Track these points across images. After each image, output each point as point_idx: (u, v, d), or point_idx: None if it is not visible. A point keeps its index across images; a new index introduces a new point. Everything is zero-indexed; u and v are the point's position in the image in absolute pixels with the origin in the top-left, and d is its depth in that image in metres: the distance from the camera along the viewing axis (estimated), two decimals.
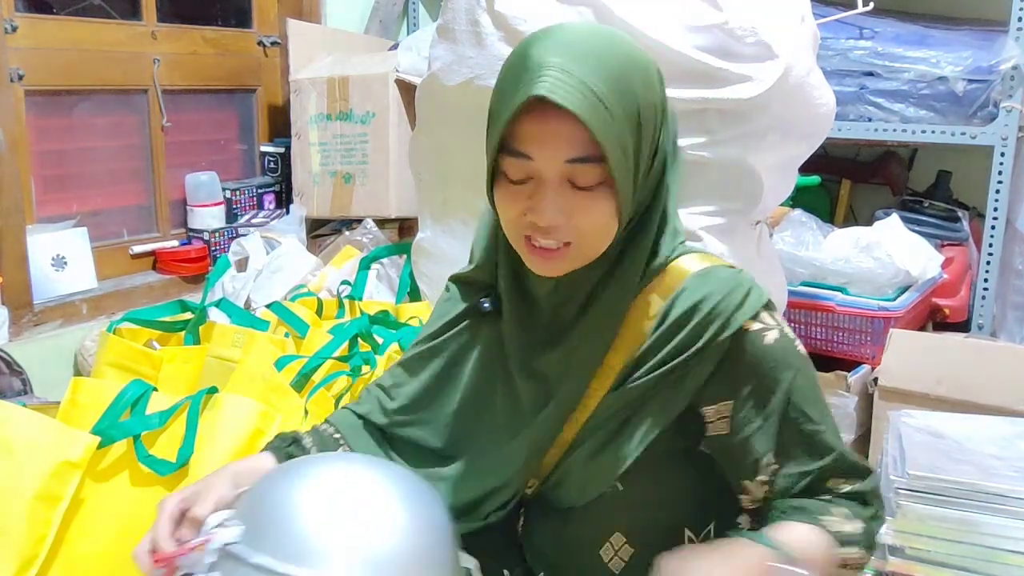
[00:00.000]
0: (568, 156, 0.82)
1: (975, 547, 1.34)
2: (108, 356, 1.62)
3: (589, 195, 0.84)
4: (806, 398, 0.89)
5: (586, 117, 0.79)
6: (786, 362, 0.89)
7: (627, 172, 0.84)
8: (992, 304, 2.28)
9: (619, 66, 0.83)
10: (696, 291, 0.88)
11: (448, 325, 1.03)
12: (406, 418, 1.04)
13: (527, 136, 0.83)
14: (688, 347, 0.87)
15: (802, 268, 2.11)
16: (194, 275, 2.28)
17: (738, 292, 0.88)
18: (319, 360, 1.53)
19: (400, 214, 2.34)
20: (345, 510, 0.82)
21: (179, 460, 1.27)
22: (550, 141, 0.82)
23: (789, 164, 1.74)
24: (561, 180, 0.84)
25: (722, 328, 0.86)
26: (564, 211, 0.84)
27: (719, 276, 0.89)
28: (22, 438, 1.23)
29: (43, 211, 2.09)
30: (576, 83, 0.80)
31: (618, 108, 0.81)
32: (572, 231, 0.85)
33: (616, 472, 0.90)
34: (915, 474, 1.36)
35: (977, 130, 2.21)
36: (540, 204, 0.84)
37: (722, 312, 0.86)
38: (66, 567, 1.22)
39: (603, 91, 0.80)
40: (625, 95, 0.82)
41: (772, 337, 0.88)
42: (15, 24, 1.95)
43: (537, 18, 1.60)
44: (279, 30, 2.55)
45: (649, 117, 0.85)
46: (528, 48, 0.83)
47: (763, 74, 1.53)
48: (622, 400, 0.90)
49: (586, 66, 0.81)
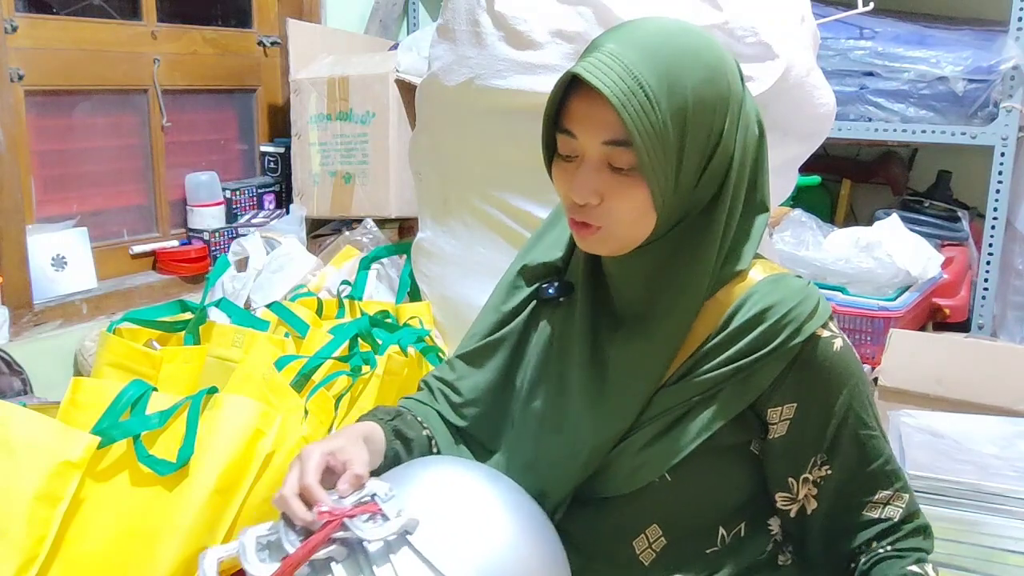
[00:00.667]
0: (605, 138, 0.85)
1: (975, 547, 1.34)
2: (108, 356, 1.62)
3: (625, 180, 0.86)
4: (864, 404, 0.93)
5: (618, 101, 0.82)
6: (850, 370, 0.92)
7: (663, 164, 0.85)
8: (992, 304, 2.28)
9: (675, 60, 0.84)
10: (768, 296, 0.90)
11: (512, 314, 1.05)
12: (475, 411, 1.06)
13: (572, 114, 0.87)
14: (758, 349, 0.89)
15: (802, 268, 2.11)
16: (194, 275, 2.28)
17: (810, 301, 0.91)
18: (319, 360, 1.53)
19: (400, 214, 2.34)
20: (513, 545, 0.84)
21: (179, 460, 1.27)
22: (590, 121, 0.85)
23: (789, 164, 1.75)
24: (601, 161, 0.87)
25: (795, 333, 0.89)
26: (598, 192, 0.87)
27: (791, 284, 0.92)
28: (22, 438, 1.23)
29: (43, 211, 2.09)
30: (620, 68, 0.83)
31: (663, 99, 0.83)
32: (603, 214, 0.88)
33: (668, 463, 0.91)
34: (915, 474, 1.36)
35: (977, 130, 2.21)
36: (576, 181, 0.88)
37: (796, 318, 0.89)
38: (66, 567, 1.21)
39: (648, 80, 0.82)
40: (675, 89, 0.83)
41: (839, 345, 0.92)
42: (15, 24, 1.95)
43: (537, 18, 1.60)
44: (279, 30, 2.55)
45: (704, 115, 0.85)
46: (601, 34, 0.88)
47: (763, 74, 1.53)
48: (681, 395, 0.91)
49: (639, 54, 0.83)
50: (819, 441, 0.92)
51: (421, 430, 1.05)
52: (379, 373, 1.53)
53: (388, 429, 0.99)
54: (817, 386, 0.91)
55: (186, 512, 1.23)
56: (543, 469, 0.97)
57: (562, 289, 1.00)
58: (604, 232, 0.89)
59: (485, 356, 1.07)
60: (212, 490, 1.25)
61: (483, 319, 1.09)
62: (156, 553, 1.21)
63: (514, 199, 1.74)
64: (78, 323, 2.02)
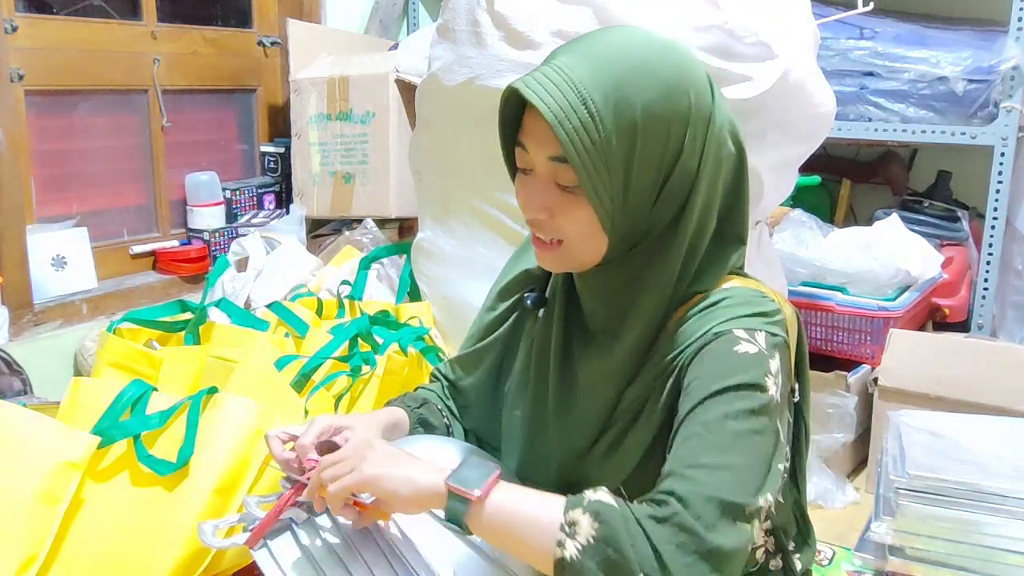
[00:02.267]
0: (550, 153, 0.83)
1: (975, 547, 1.34)
2: (108, 356, 1.62)
3: (571, 198, 0.84)
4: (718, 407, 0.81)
5: (553, 118, 0.79)
6: (734, 374, 0.82)
7: (607, 183, 0.81)
8: (992, 304, 2.28)
9: (628, 75, 0.81)
10: (721, 294, 0.88)
11: (498, 321, 1.06)
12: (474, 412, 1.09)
13: (525, 128, 0.85)
14: (687, 341, 0.86)
15: (802, 268, 2.11)
16: (194, 275, 2.28)
17: (750, 307, 0.86)
18: (319, 360, 1.53)
19: (400, 214, 2.34)
20: None
21: (179, 460, 1.27)
22: (536, 136, 0.84)
23: (789, 164, 1.75)
24: (549, 176, 0.85)
25: (717, 326, 0.85)
26: (547, 208, 0.85)
27: (742, 291, 0.88)
28: (22, 438, 1.23)
29: (43, 211, 2.09)
30: (563, 83, 0.80)
31: (608, 116, 0.79)
32: (554, 230, 0.86)
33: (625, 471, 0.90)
34: (915, 474, 1.36)
35: (977, 130, 2.21)
36: (526, 195, 0.87)
37: (727, 311, 0.86)
38: (66, 567, 1.21)
39: (593, 96, 0.79)
40: (623, 105, 0.80)
41: (746, 349, 0.83)
42: (15, 24, 1.95)
43: (537, 18, 1.60)
44: (279, 30, 2.55)
45: (656, 132, 0.81)
46: (562, 44, 0.86)
47: (763, 74, 1.53)
48: (630, 397, 0.90)
49: (588, 68, 0.80)
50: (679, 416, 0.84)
51: (442, 419, 1.07)
52: (379, 373, 1.53)
53: (414, 417, 1.02)
54: (700, 368, 0.83)
55: (186, 512, 1.23)
56: (525, 476, 0.98)
57: (539, 301, 0.99)
58: (562, 249, 0.87)
59: (477, 361, 1.08)
60: (212, 490, 1.25)
61: (475, 323, 1.11)
62: (156, 553, 1.21)
63: (514, 199, 1.73)
64: (78, 323, 2.02)
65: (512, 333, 1.05)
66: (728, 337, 0.84)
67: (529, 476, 0.98)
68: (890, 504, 1.39)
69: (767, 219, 1.90)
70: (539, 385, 0.98)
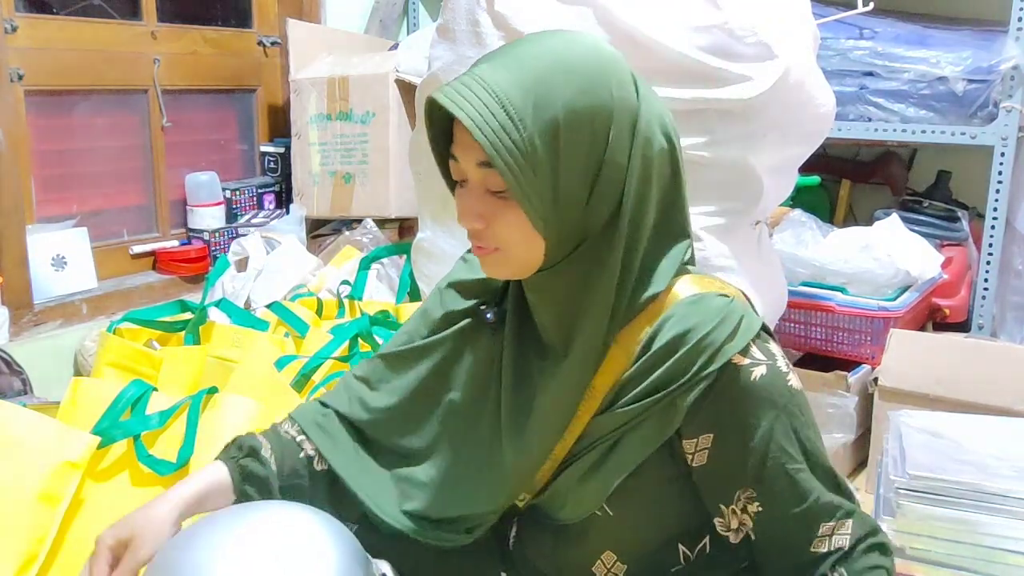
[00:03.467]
0: (479, 159, 0.82)
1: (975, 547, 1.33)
2: (108, 356, 1.62)
3: (503, 203, 0.84)
4: (789, 437, 0.86)
5: (472, 123, 0.79)
6: (771, 400, 0.86)
7: (535, 184, 0.81)
8: (992, 304, 2.28)
9: (545, 74, 0.81)
10: (684, 320, 0.85)
11: (441, 325, 1.01)
12: (390, 415, 1.01)
13: (455, 139, 0.85)
14: (676, 378, 0.85)
15: (802, 268, 2.11)
16: (194, 275, 2.28)
17: (728, 323, 0.85)
18: (319, 360, 1.53)
19: (400, 214, 2.34)
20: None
21: (179, 460, 1.27)
22: (464, 144, 0.83)
23: (789, 164, 1.75)
24: (481, 184, 0.84)
25: (711, 360, 0.84)
26: (482, 216, 0.85)
27: (709, 305, 0.86)
28: (22, 438, 1.23)
29: (43, 211, 2.10)
30: (479, 89, 0.80)
31: (527, 117, 0.79)
32: (491, 237, 0.86)
33: (602, 497, 0.89)
34: (915, 474, 1.36)
35: (977, 130, 2.21)
36: (460, 206, 0.86)
37: (712, 343, 0.84)
38: (66, 567, 1.21)
39: (511, 99, 0.79)
40: (542, 104, 0.80)
41: (759, 373, 0.85)
42: (15, 24, 1.95)
43: (537, 18, 1.60)
44: (279, 30, 2.56)
45: (579, 128, 0.81)
46: (484, 54, 0.86)
47: (763, 74, 1.53)
48: (608, 425, 0.88)
49: (504, 73, 0.81)
50: (740, 474, 0.87)
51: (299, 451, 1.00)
52: None
53: (236, 469, 0.95)
54: (733, 417, 0.86)
55: None
56: (465, 489, 0.95)
57: (500, 314, 0.97)
58: (501, 254, 0.86)
59: (410, 361, 1.02)
60: None
61: (414, 321, 1.05)
62: None
63: None
64: (78, 323, 2.02)
65: (458, 340, 1.00)
66: (733, 370, 0.85)
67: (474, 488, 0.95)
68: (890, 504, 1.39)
69: (767, 219, 1.90)
70: (494, 399, 0.95)
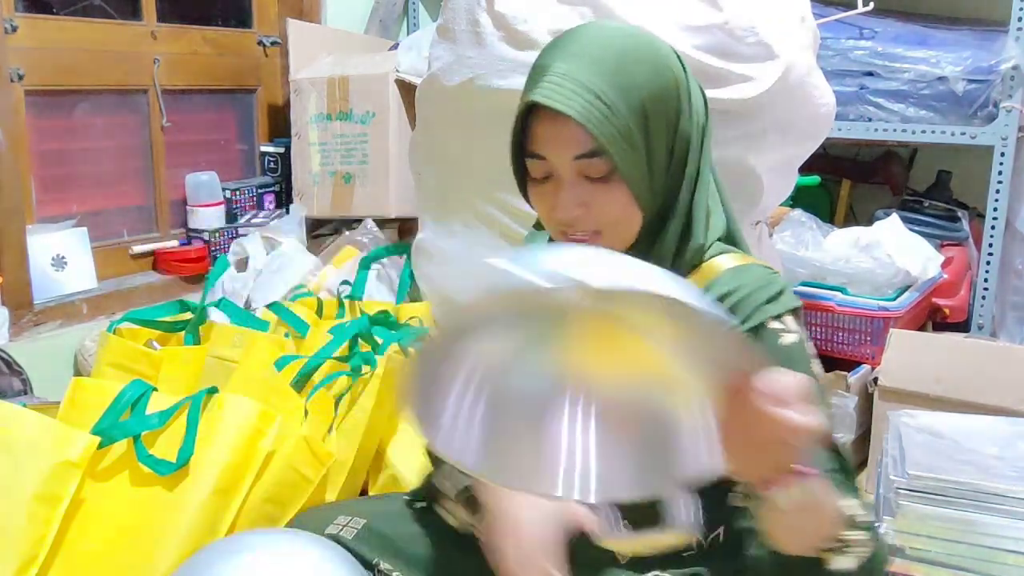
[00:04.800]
0: (575, 153, 0.88)
1: (975, 547, 1.33)
2: (108, 356, 1.62)
3: (604, 186, 0.89)
4: None
5: (582, 118, 0.85)
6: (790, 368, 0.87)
7: (637, 162, 0.88)
8: (992, 304, 2.28)
9: (619, 62, 0.87)
10: (728, 283, 0.91)
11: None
12: None
13: (539, 139, 0.90)
14: None
15: (802, 268, 2.11)
16: (194, 275, 2.28)
17: (769, 289, 0.91)
18: (319, 360, 1.53)
19: (400, 214, 2.34)
20: None
21: (179, 460, 1.27)
22: (558, 142, 0.88)
23: (789, 164, 1.75)
24: (575, 175, 0.89)
25: (746, 319, 0.89)
26: (582, 203, 0.89)
27: (754, 272, 0.93)
28: (22, 438, 1.23)
29: (43, 211, 2.09)
30: (573, 85, 0.86)
31: (620, 103, 0.86)
32: (595, 221, 0.90)
33: None
34: (915, 474, 1.36)
35: (977, 130, 2.21)
36: (558, 201, 0.90)
37: (750, 303, 0.89)
38: (66, 567, 1.22)
39: (602, 88, 0.85)
40: (627, 90, 0.86)
41: (789, 340, 0.90)
42: (15, 24, 1.95)
43: (537, 18, 1.60)
44: (279, 30, 2.55)
45: (659, 107, 0.89)
46: (540, 55, 0.91)
47: (763, 74, 1.53)
48: None
49: (584, 67, 0.86)
50: None
51: None
52: (379, 373, 1.52)
53: None
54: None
55: (186, 512, 1.23)
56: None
57: None
58: (603, 239, 0.91)
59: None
60: (212, 490, 1.25)
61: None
62: (156, 553, 1.21)
63: (514, 199, 1.74)
64: (78, 323, 2.02)
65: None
66: (764, 331, 0.89)
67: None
68: (890, 504, 1.39)
69: (767, 219, 1.90)
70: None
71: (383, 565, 1.07)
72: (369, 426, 1.49)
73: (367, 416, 1.48)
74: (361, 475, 1.52)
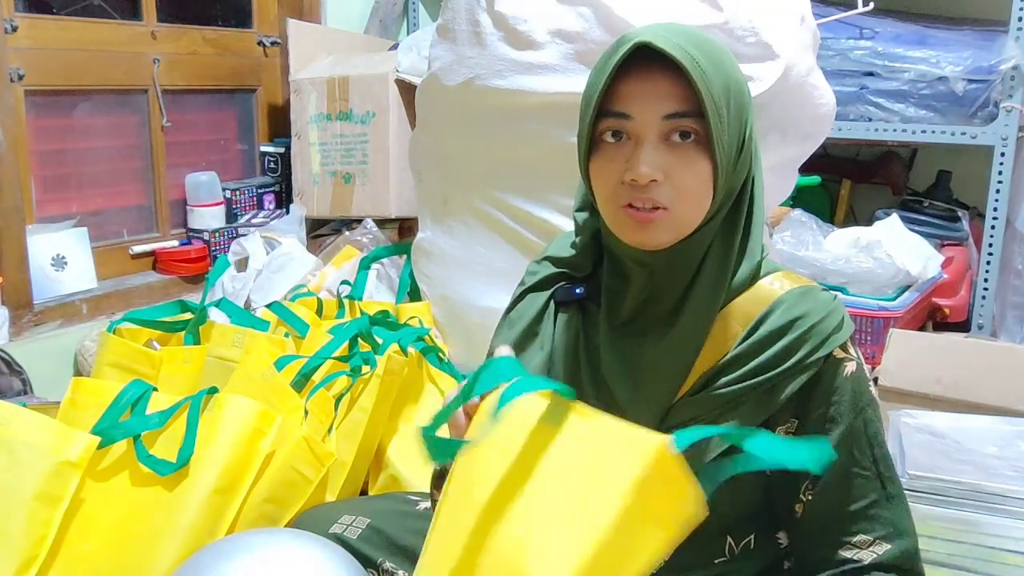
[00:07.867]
0: (667, 111, 0.83)
1: (975, 547, 1.33)
2: (108, 356, 1.62)
3: (686, 154, 0.84)
4: (860, 443, 0.89)
5: (690, 66, 0.80)
6: (855, 399, 0.88)
7: (726, 135, 0.84)
8: (992, 304, 2.28)
9: (707, 42, 0.85)
10: (795, 308, 0.88)
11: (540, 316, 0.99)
12: None
13: (626, 95, 0.84)
14: (782, 361, 0.86)
15: (802, 268, 2.11)
16: (194, 275, 2.28)
17: (835, 316, 0.88)
18: (319, 360, 1.53)
19: (400, 214, 2.33)
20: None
21: (179, 460, 1.27)
22: (648, 97, 0.83)
23: (789, 164, 1.75)
24: (659, 137, 0.84)
25: (817, 348, 0.86)
26: (662, 168, 0.83)
27: (818, 297, 0.90)
28: (22, 438, 1.23)
29: (43, 211, 2.09)
30: (676, 40, 0.82)
31: (713, 73, 0.82)
32: (668, 192, 0.84)
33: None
34: (915, 474, 1.36)
35: (977, 130, 2.21)
36: (637, 160, 0.83)
37: (821, 332, 0.87)
38: (66, 567, 1.22)
39: (699, 55, 0.82)
40: (717, 65, 0.83)
41: (850, 370, 0.88)
42: (15, 24, 1.95)
43: (537, 18, 1.61)
44: (279, 30, 2.56)
45: (739, 96, 0.86)
46: (620, 38, 0.86)
47: (763, 74, 1.53)
48: (701, 408, 0.88)
49: (678, 34, 0.83)
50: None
51: None
52: (379, 373, 1.53)
53: None
54: (820, 408, 0.88)
55: (186, 512, 1.23)
56: None
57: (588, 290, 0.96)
58: (669, 215, 0.85)
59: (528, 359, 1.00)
60: (212, 490, 1.25)
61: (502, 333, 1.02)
62: (156, 553, 1.21)
63: (514, 199, 1.74)
64: (78, 323, 2.02)
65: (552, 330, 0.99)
66: (832, 361, 0.88)
67: None
68: None
69: (767, 219, 1.90)
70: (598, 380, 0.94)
71: (387, 564, 1.07)
72: (369, 426, 1.49)
73: (367, 416, 1.48)
74: (361, 475, 1.52)
